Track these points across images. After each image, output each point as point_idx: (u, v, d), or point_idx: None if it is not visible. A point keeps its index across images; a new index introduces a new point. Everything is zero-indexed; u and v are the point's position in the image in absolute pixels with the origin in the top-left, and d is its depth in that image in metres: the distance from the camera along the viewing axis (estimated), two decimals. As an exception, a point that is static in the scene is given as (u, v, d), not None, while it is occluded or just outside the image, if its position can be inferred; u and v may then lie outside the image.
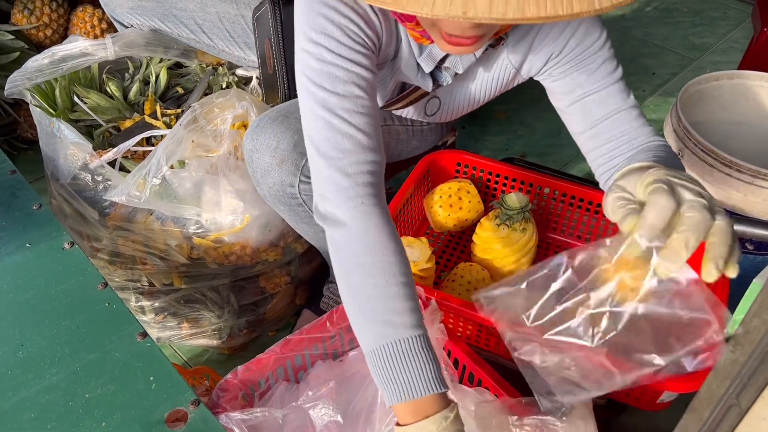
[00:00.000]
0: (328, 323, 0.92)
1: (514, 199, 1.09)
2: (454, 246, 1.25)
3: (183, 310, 1.26)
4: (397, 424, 0.74)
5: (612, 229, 1.20)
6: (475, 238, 1.16)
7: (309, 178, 1.04)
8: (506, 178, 1.24)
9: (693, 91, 1.42)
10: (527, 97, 2.13)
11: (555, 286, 0.69)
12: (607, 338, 0.67)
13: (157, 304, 1.24)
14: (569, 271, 0.68)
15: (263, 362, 0.87)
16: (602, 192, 1.18)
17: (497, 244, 1.10)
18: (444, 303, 0.95)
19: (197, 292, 1.24)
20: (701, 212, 0.62)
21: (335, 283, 1.35)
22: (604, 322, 0.67)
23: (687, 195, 0.64)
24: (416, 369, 0.73)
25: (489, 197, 1.28)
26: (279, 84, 1.22)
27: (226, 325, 1.28)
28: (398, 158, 1.32)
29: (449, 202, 1.19)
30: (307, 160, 1.01)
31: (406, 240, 1.04)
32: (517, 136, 1.97)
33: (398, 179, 1.57)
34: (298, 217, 1.12)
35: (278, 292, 1.32)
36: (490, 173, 1.25)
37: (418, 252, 1.03)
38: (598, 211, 1.19)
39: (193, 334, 1.29)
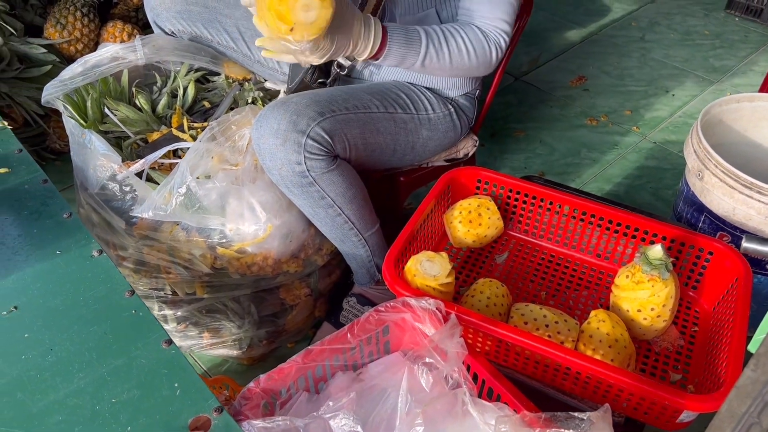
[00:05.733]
0: (348, 335, 0.93)
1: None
2: (473, 262, 1.26)
3: (204, 319, 1.28)
4: None
5: (631, 254, 1.21)
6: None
7: (313, 154, 1.11)
8: (526, 195, 1.25)
9: (713, 113, 1.42)
10: (547, 117, 2.15)
11: None
12: None
13: (179, 313, 1.26)
14: None
15: (285, 372, 0.89)
16: (623, 211, 1.18)
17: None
18: (464, 318, 0.96)
19: (219, 302, 1.26)
20: None
21: (355, 296, 1.38)
22: None
23: None
24: None
25: (509, 214, 1.29)
26: None
27: (247, 335, 1.29)
28: (413, 154, 1.33)
29: (469, 218, 1.20)
30: (308, 137, 1.10)
31: (426, 254, 1.06)
32: (536, 155, 1.98)
33: (417, 195, 1.59)
34: (313, 200, 1.16)
35: (298, 303, 1.33)
36: (510, 190, 1.26)
37: (439, 267, 1.04)
38: (618, 230, 1.20)
39: (213, 344, 1.31)
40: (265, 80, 1.49)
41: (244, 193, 1.16)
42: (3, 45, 1.62)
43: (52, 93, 1.27)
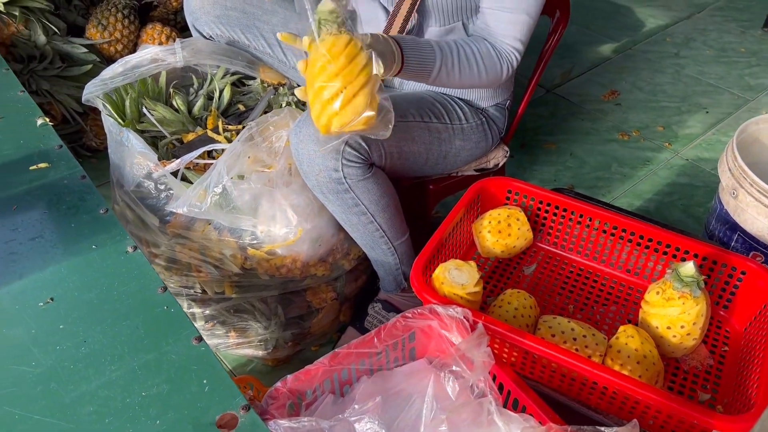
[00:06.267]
0: (375, 339, 0.94)
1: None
2: (501, 272, 1.26)
3: (232, 319, 1.29)
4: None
5: (661, 270, 1.19)
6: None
7: (350, 161, 1.12)
8: (557, 208, 1.24)
9: (749, 131, 1.41)
10: (578, 129, 2.14)
11: None
12: None
13: (207, 312, 1.28)
14: None
15: (312, 373, 0.89)
16: (654, 227, 1.17)
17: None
18: (491, 327, 0.96)
19: (247, 302, 1.28)
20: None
21: (380, 302, 1.38)
22: None
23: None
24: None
25: (538, 226, 1.28)
26: None
27: (273, 336, 1.30)
28: (445, 163, 1.34)
29: (498, 228, 1.20)
30: (346, 144, 1.12)
31: (454, 263, 1.06)
32: (566, 168, 1.97)
33: (445, 204, 1.59)
34: (347, 206, 1.17)
35: (324, 307, 1.34)
36: (541, 202, 1.26)
37: (467, 275, 1.04)
38: (649, 246, 1.19)
39: (239, 344, 1.32)
40: (299, 85, 1.51)
41: (277, 196, 1.17)
42: (46, 44, 1.66)
43: (92, 92, 1.30)
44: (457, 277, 1.04)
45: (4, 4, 1.56)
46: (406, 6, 1.20)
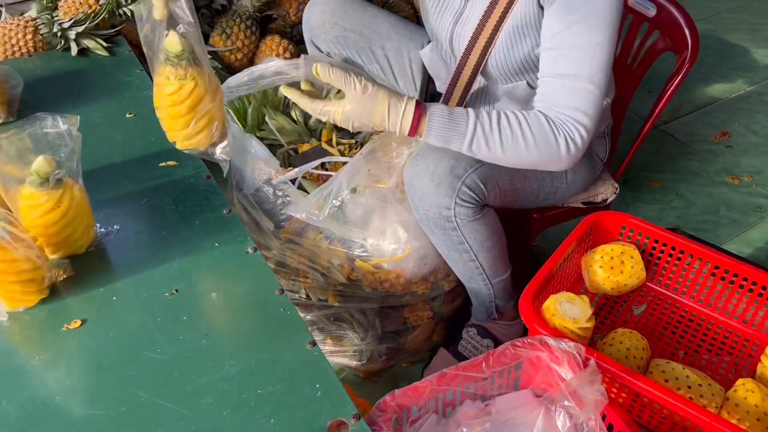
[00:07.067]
0: (483, 364, 0.93)
1: None
2: (608, 309, 1.23)
3: (330, 326, 1.32)
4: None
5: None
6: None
7: (464, 201, 1.10)
8: (673, 248, 1.20)
9: None
10: (685, 169, 2.06)
11: None
12: None
13: (308, 317, 1.31)
14: None
15: (419, 390, 0.90)
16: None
17: None
18: (602, 365, 0.93)
19: (347, 312, 1.30)
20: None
21: (475, 328, 1.37)
22: None
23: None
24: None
25: (651, 266, 1.24)
26: None
27: (368, 348, 1.32)
28: (555, 198, 1.32)
29: (610, 264, 1.17)
30: (463, 183, 1.09)
31: (566, 295, 1.04)
32: (671, 207, 1.91)
33: (543, 234, 1.56)
34: (451, 243, 1.17)
35: (420, 325, 1.35)
36: (656, 241, 1.22)
37: (579, 310, 1.02)
38: (762, 294, 1.13)
39: (333, 352, 1.35)
40: None
41: (389, 212, 1.19)
42: (175, 49, 1.76)
43: (219, 97, 1.37)
44: (569, 310, 1.02)
45: (143, 9, 1.67)
46: (468, 70, 1.17)
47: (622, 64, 1.52)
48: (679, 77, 1.32)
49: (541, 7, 1.06)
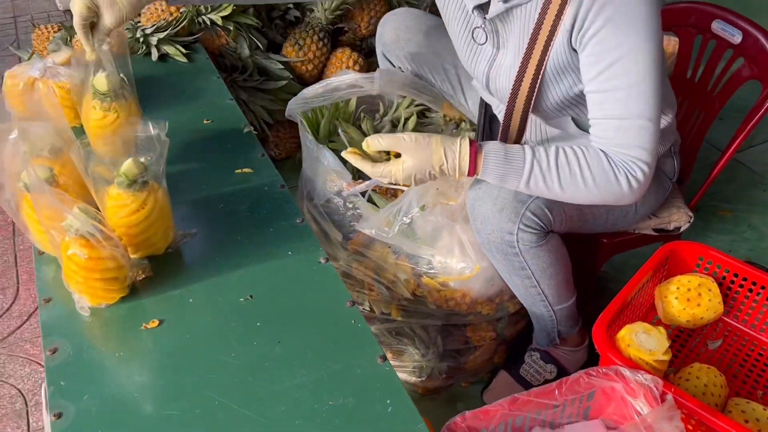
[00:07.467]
0: (556, 392, 0.91)
1: None
2: (681, 342, 1.19)
3: (391, 341, 1.32)
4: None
5: None
6: None
7: (528, 227, 1.09)
8: (754, 284, 1.16)
9: None
10: (758, 200, 1.99)
11: None
12: None
13: (370, 330, 1.31)
14: None
15: (490, 414, 0.88)
16: None
17: None
18: (679, 401, 0.90)
19: (409, 327, 1.29)
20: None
21: (539, 352, 1.35)
22: None
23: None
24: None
25: (728, 300, 1.20)
26: None
27: (428, 365, 1.31)
28: (625, 221, 1.29)
29: (687, 296, 1.14)
30: (527, 209, 1.07)
31: (642, 326, 1.01)
32: (742, 239, 1.84)
33: (611, 262, 1.53)
34: (513, 268, 1.15)
35: (482, 345, 1.33)
36: (736, 275, 1.17)
37: (655, 341, 0.99)
38: None
39: (393, 367, 1.34)
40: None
41: (457, 230, 1.18)
42: (249, 57, 1.80)
43: (294, 108, 1.39)
44: (645, 341, 0.99)
45: (222, 18, 1.71)
46: (517, 115, 1.14)
47: (702, 89, 1.48)
48: (765, 107, 1.28)
49: (574, 50, 1.03)
